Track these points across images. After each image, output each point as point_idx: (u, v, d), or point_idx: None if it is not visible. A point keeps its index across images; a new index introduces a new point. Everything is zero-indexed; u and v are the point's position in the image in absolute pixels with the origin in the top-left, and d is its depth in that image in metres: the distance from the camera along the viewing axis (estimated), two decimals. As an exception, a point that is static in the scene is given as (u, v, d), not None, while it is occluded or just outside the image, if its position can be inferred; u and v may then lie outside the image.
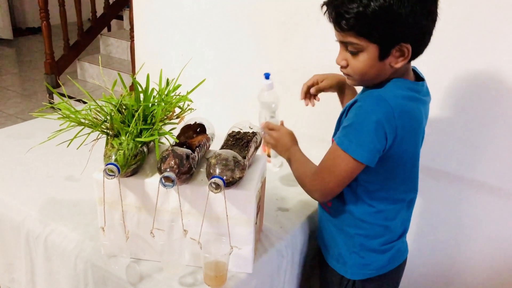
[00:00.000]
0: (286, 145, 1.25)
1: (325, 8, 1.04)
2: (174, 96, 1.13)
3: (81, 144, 1.04)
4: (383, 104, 1.02)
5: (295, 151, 1.23)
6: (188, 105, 1.17)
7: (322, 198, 1.19)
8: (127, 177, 1.04)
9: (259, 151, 1.21)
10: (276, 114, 1.41)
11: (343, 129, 1.07)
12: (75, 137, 1.03)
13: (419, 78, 1.13)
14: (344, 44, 1.05)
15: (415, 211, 1.27)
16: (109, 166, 0.96)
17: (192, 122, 1.16)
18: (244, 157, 1.03)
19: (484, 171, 1.50)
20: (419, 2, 0.96)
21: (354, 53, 1.03)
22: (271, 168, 1.38)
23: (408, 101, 1.06)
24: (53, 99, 4.00)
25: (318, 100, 1.35)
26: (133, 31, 2.88)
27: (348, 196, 1.16)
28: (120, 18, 4.95)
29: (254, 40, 1.87)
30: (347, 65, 1.06)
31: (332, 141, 1.12)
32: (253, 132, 1.16)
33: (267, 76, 1.40)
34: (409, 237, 1.30)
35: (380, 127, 1.01)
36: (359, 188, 1.14)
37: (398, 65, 1.02)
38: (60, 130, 1.04)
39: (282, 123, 1.34)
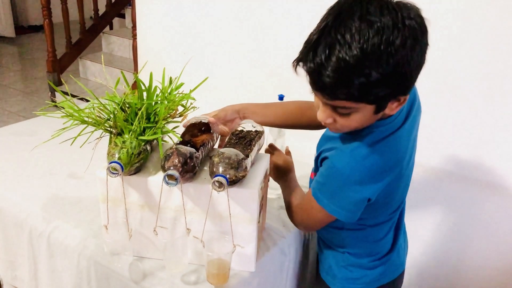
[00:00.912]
0: (278, 172, 1.23)
1: (301, 66, 0.85)
2: (177, 95, 1.13)
3: (84, 142, 1.05)
4: (357, 166, 0.95)
5: (285, 180, 1.21)
6: (191, 103, 1.17)
7: (306, 231, 1.22)
8: (130, 175, 1.05)
9: (262, 150, 1.21)
10: (284, 132, 1.40)
11: (318, 183, 1.02)
12: (78, 135, 1.03)
13: None
14: (331, 106, 0.90)
15: (416, 212, 1.26)
16: (113, 164, 0.96)
17: (198, 121, 1.15)
18: (247, 156, 1.03)
19: (489, 171, 1.49)
20: (421, 52, 0.83)
21: (345, 114, 0.89)
22: (269, 194, 1.38)
23: (385, 146, 0.96)
24: (55, 97, 4.01)
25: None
26: (135, 30, 2.88)
27: (335, 223, 1.10)
28: (122, 16, 4.95)
29: (256, 38, 1.87)
30: (334, 122, 0.93)
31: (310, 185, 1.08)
32: (256, 131, 1.16)
33: (281, 97, 1.39)
34: (411, 238, 1.29)
35: (357, 191, 0.96)
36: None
37: (393, 112, 0.91)
38: (64, 128, 1.04)
39: (287, 149, 1.32)
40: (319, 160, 1.07)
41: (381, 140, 0.96)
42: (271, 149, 1.27)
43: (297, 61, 0.86)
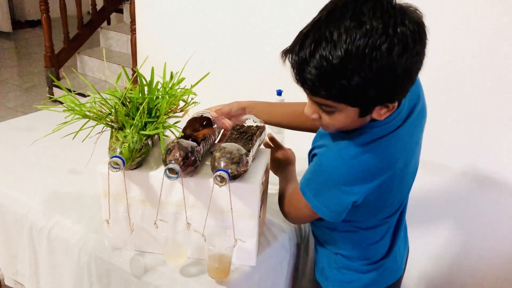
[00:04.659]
0: (278, 165, 1.22)
1: (287, 57, 0.84)
2: (178, 90, 1.13)
3: (86, 136, 1.05)
4: (343, 166, 0.92)
5: (283, 172, 1.20)
6: (192, 98, 1.17)
7: (294, 224, 1.21)
8: (131, 170, 1.05)
9: (263, 145, 1.22)
10: (283, 130, 1.40)
11: (305, 178, 1.01)
12: (80, 129, 1.03)
13: None
14: (315, 101, 0.89)
15: (416, 210, 1.23)
16: (114, 159, 0.96)
17: (200, 115, 1.15)
18: (248, 151, 1.03)
19: (489, 167, 1.49)
20: (411, 60, 0.79)
21: (329, 112, 0.88)
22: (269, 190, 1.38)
23: (376, 148, 0.92)
24: (53, 93, 4.00)
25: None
26: (134, 24, 2.87)
27: (328, 224, 1.09)
28: (120, 11, 4.94)
29: (256, 33, 1.87)
30: (320, 118, 0.92)
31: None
32: (257, 126, 1.16)
33: (279, 92, 1.39)
34: (411, 237, 1.27)
35: (341, 192, 0.94)
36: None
37: (382, 117, 0.88)
38: (65, 122, 1.04)
39: (272, 137, 1.29)
40: (311, 156, 1.06)
41: (372, 141, 0.92)
42: (272, 142, 1.26)
43: (285, 52, 0.84)
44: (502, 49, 1.37)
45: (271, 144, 1.26)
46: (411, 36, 0.77)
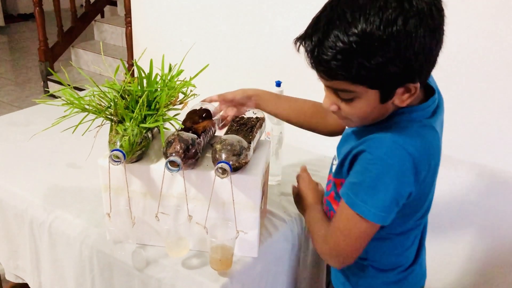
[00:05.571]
0: (306, 201, 1.13)
1: (301, 43, 0.82)
2: (177, 82, 1.13)
3: (86, 130, 1.04)
4: (401, 154, 0.83)
5: (311, 209, 1.10)
6: (191, 90, 1.16)
7: (341, 265, 1.03)
8: (132, 163, 1.04)
9: (263, 136, 1.21)
10: (281, 122, 1.38)
11: (352, 186, 0.89)
12: (80, 122, 1.03)
13: (428, 87, 0.93)
14: (332, 89, 0.86)
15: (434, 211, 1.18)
16: (115, 152, 0.96)
17: (200, 107, 1.15)
18: (249, 143, 1.03)
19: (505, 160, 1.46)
20: (429, 36, 0.77)
21: (348, 100, 0.85)
22: (270, 181, 1.35)
23: (423, 136, 0.88)
24: (48, 87, 3.97)
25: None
26: (129, 17, 2.85)
27: None
28: (114, 4, 4.90)
29: (254, 26, 1.86)
30: (339, 109, 0.88)
31: (337, 191, 0.96)
32: (257, 117, 1.15)
33: (278, 84, 1.38)
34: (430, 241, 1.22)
35: (402, 183, 0.85)
36: None
37: (404, 103, 0.84)
38: (64, 116, 1.03)
39: (305, 169, 1.21)
40: (350, 159, 0.91)
41: (420, 126, 0.88)
42: (305, 174, 1.18)
43: (298, 38, 0.82)
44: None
45: (303, 177, 1.17)
46: (427, 10, 0.76)
